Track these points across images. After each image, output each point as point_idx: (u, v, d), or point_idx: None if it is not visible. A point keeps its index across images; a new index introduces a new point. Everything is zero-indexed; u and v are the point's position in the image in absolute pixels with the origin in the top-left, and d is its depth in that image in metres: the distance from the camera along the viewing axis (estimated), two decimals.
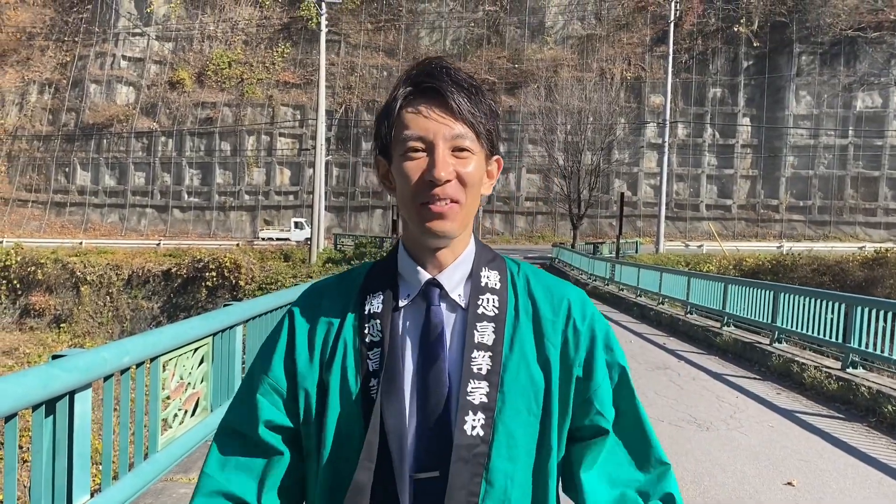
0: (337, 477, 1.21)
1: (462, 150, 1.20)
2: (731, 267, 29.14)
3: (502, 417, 1.19)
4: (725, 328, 12.89)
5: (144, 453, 3.82)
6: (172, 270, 34.84)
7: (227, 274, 33.28)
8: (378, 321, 1.24)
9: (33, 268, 34.41)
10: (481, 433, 1.17)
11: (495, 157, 1.29)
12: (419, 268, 1.26)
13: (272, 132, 55.48)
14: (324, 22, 34.56)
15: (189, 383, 4.39)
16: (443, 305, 1.25)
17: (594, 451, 1.28)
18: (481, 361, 1.20)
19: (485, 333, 1.22)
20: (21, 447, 2.65)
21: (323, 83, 35.29)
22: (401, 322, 1.25)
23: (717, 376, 9.83)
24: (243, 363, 5.47)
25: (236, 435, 1.28)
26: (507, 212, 53.39)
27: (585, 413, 1.27)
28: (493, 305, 1.25)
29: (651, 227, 47.52)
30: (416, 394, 1.21)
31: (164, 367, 4.01)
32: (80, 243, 44.30)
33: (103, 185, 55.63)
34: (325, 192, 42.32)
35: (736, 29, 52.43)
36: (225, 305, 5.33)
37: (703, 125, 52.44)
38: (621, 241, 34.81)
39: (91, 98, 56.99)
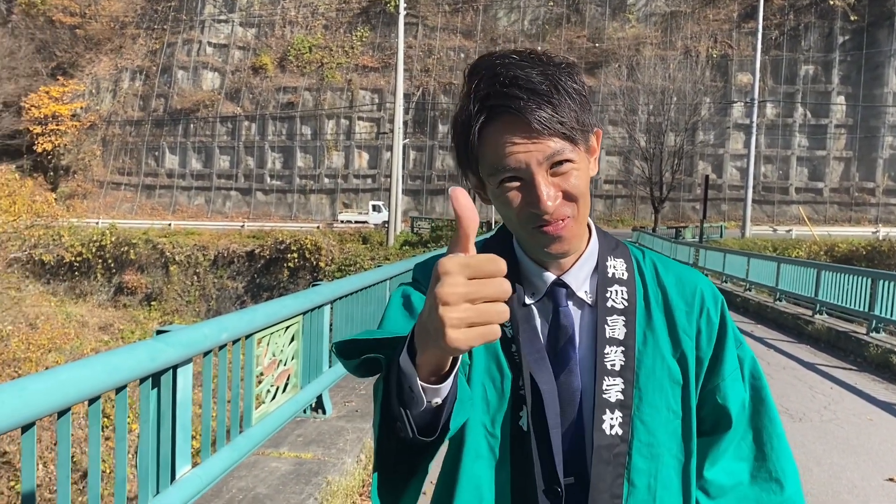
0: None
1: (561, 162, 1.05)
2: (822, 253, 27.90)
3: (640, 414, 1.14)
4: (817, 316, 12.36)
5: (240, 427, 3.94)
6: (256, 252, 35.97)
7: (307, 255, 34.16)
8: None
9: (126, 248, 36.17)
10: (620, 432, 1.12)
11: (594, 132, 1.14)
12: (542, 269, 1.17)
13: (351, 116, 56.26)
14: (402, 4, 34.68)
15: (281, 360, 4.50)
16: (570, 304, 1.17)
17: (718, 447, 1.23)
18: (614, 357, 1.14)
19: (616, 327, 1.16)
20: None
21: (401, 66, 35.48)
22: (531, 319, 1.17)
23: (810, 366, 9.45)
24: (330, 342, 5.57)
25: None
26: None
27: (708, 404, 1.22)
28: (623, 297, 1.18)
29: (736, 210, 46.00)
30: None
31: (257, 344, 4.12)
32: (169, 225, 46.21)
33: (190, 169, 57.73)
34: (403, 176, 42.69)
35: (831, 2, 49.85)
36: (313, 285, 5.44)
37: (794, 104, 50.18)
38: (705, 225, 33.81)
39: (179, 84, 59.10)
